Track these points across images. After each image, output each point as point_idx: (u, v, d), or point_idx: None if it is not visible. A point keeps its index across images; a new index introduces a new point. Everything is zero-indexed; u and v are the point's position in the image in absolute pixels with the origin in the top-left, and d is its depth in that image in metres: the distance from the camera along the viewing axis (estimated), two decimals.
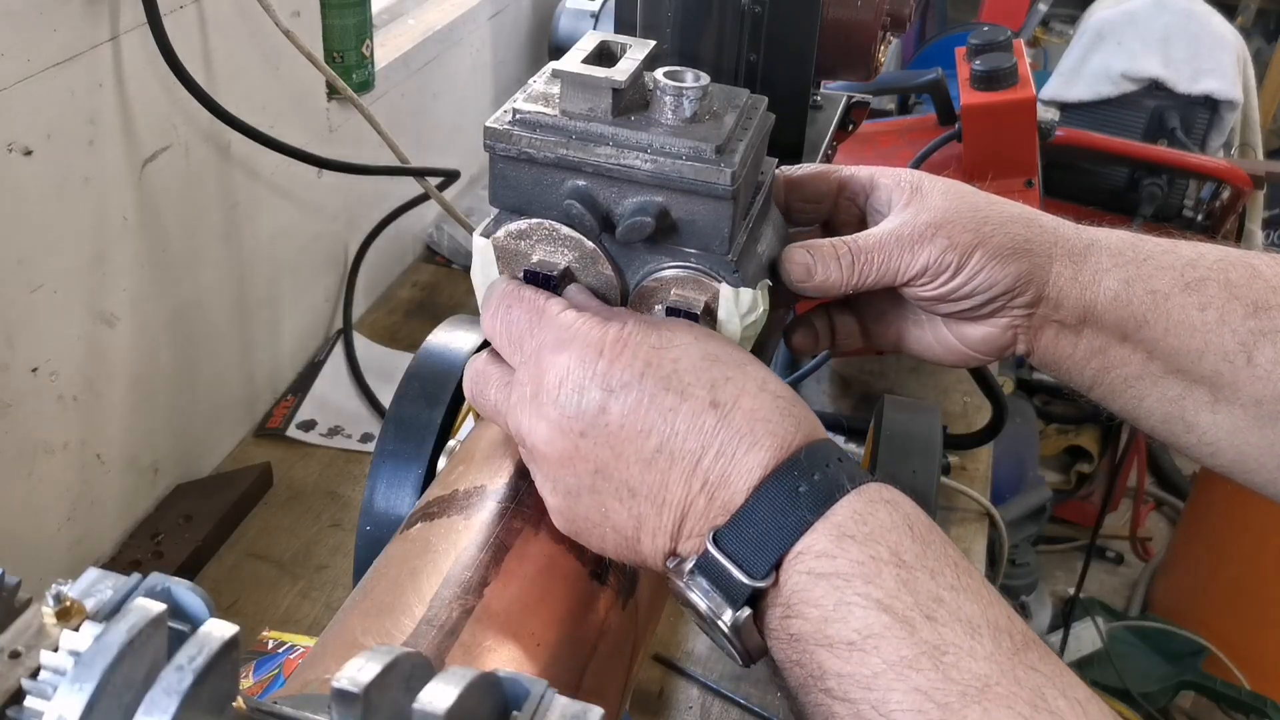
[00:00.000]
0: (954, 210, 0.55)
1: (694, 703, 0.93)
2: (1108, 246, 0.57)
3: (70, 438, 0.92)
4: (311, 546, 1.07)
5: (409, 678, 0.30)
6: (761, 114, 0.54)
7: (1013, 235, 0.55)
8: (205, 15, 0.98)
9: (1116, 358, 0.57)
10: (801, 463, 0.43)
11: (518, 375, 0.48)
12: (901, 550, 0.41)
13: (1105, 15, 2.05)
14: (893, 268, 0.55)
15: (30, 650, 0.30)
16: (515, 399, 0.48)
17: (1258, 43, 2.91)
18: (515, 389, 0.48)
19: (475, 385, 0.51)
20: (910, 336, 0.62)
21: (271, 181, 1.15)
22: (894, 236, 0.55)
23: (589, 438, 0.45)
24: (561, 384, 0.46)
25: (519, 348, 0.48)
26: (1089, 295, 0.56)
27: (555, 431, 0.46)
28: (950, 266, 0.54)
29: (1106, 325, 0.57)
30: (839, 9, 0.66)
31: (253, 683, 0.85)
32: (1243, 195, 1.88)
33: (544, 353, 0.47)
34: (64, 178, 0.86)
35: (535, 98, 0.51)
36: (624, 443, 0.45)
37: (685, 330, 0.48)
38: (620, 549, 0.47)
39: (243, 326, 1.16)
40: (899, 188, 0.58)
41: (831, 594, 0.41)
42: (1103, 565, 2.44)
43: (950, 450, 1.20)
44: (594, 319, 0.47)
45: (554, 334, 0.47)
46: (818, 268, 0.55)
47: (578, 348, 0.46)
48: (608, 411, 0.45)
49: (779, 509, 0.43)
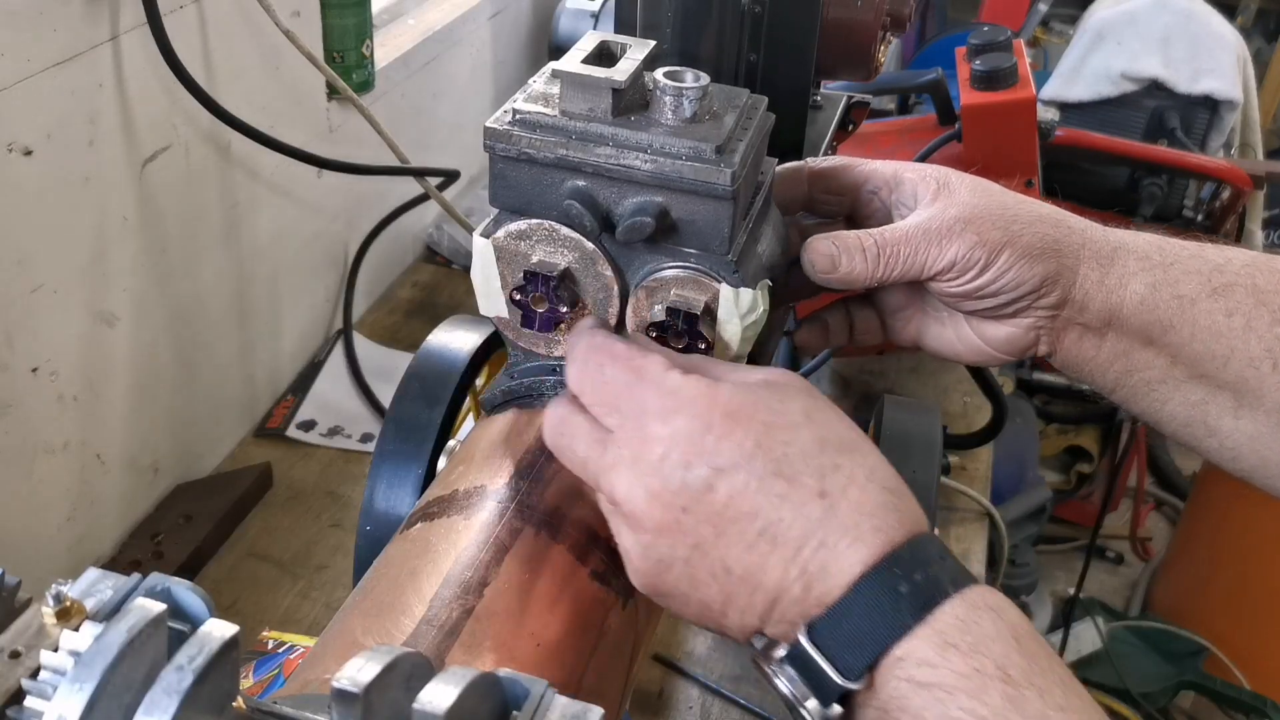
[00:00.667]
0: (983, 206, 0.55)
1: (694, 703, 0.93)
2: (1135, 250, 0.56)
3: (70, 438, 0.92)
4: (311, 546, 1.07)
5: (409, 678, 0.30)
6: (761, 114, 0.54)
7: (1041, 235, 0.55)
8: (205, 15, 0.98)
9: (1140, 361, 0.57)
10: (904, 560, 0.42)
11: (615, 436, 0.46)
12: (1008, 664, 0.40)
13: (1105, 15, 2.05)
14: (919, 261, 0.54)
15: (30, 650, 0.30)
16: (610, 460, 0.46)
17: (1258, 43, 2.91)
18: (611, 449, 0.46)
19: (561, 436, 0.49)
20: (930, 333, 0.61)
21: (271, 181, 1.15)
22: (921, 230, 0.54)
23: (692, 514, 0.44)
24: (666, 456, 0.44)
25: (614, 408, 0.46)
26: (1115, 299, 0.56)
27: (656, 503, 0.44)
28: (978, 263, 0.54)
29: (1131, 329, 0.56)
30: (839, 9, 0.66)
31: (253, 683, 0.85)
32: (1243, 195, 1.88)
33: (648, 420, 0.45)
34: (64, 178, 0.86)
35: (535, 98, 0.51)
36: (728, 523, 0.43)
37: (796, 402, 0.46)
38: (702, 618, 0.46)
39: (243, 326, 1.16)
40: (925, 182, 0.57)
41: (934, 706, 0.40)
42: (1103, 565, 2.44)
43: (950, 450, 1.20)
44: (701, 384, 0.45)
45: (658, 400, 0.45)
46: (842, 259, 0.54)
47: (685, 419, 0.44)
48: (714, 490, 0.44)
49: (878, 608, 0.41)
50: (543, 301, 0.53)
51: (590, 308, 0.54)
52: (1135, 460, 2.34)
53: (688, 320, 0.51)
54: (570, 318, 0.54)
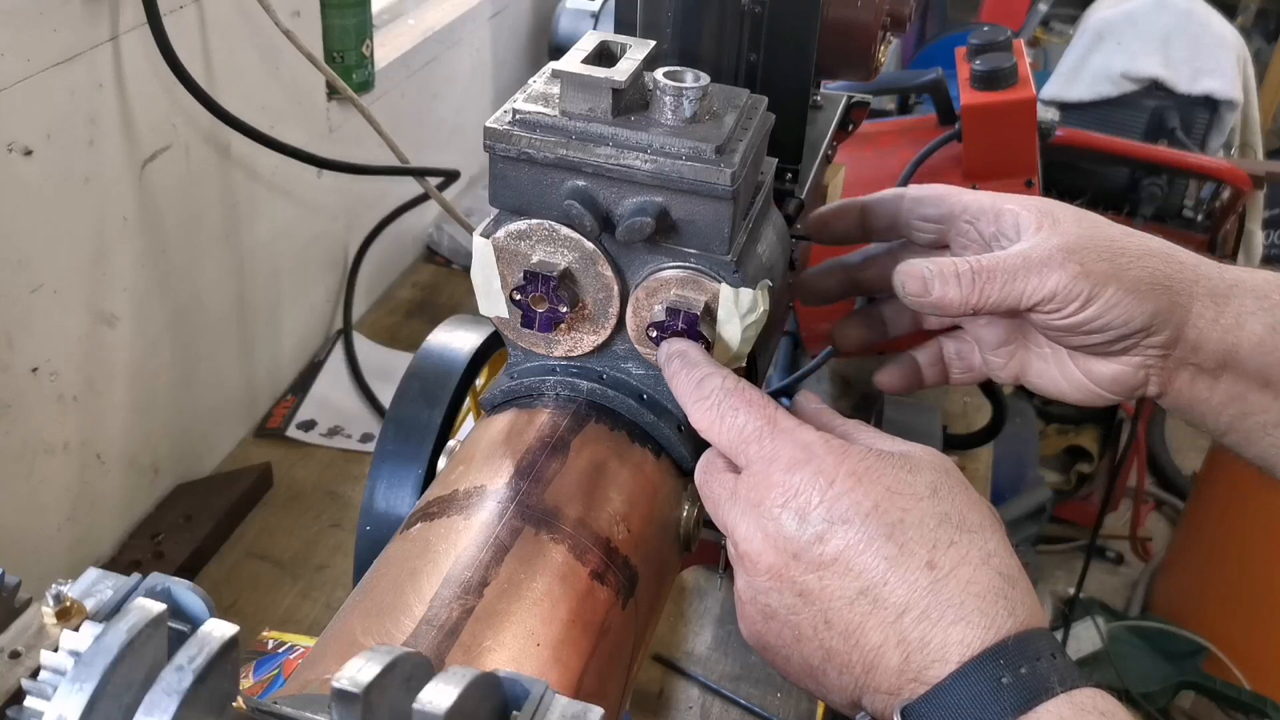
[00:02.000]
0: (1088, 238, 0.53)
1: (694, 703, 0.93)
2: (1252, 287, 0.54)
3: (70, 438, 0.92)
4: (311, 546, 1.07)
5: (409, 678, 0.30)
6: (761, 114, 0.54)
7: (1151, 270, 0.52)
8: (205, 15, 0.98)
9: (1256, 404, 0.55)
10: (1010, 651, 0.41)
11: (743, 478, 0.47)
12: None
13: (1105, 15, 2.05)
14: (1016, 290, 0.52)
15: (30, 650, 0.30)
16: (735, 501, 0.47)
17: (1258, 43, 2.91)
18: (739, 493, 0.47)
19: (706, 473, 0.50)
20: (1033, 370, 0.59)
21: (271, 181, 1.15)
22: (1021, 258, 0.52)
23: (801, 561, 0.44)
24: (786, 504, 0.45)
25: (742, 452, 0.47)
26: (1231, 339, 0.53)
27: (769, 546, 0.45)
28: (1081, 296, 0.52)
29: (1248, 371, 0.54)
30: (839, 9, 0.66)
31: (253, 683, 0.85)
32: (1243, 195, 1.88)
33: (774, 468, 0.46)
34: (64, 178, 0.86)
35: (535, 98, 0.51)
36: (833, 575, 0.44)
37: (925, 476, 0.46)
38: (803, 675, 0.46)
39: (243, 326, 1.16)
40: (1028, 213, 0.55)
41: None
42: (1103, 565, 2.44)
43: (950, 450, 1.20)
44: (834, 442, 0.46)
45: (789, 451, 0.46)
46: (935, 283, 0.53)
47: (810, 473, 0.45)
48: (825, 542, 0.44)
49: (978, 698, 0.40)
50: (543, 301, 0.53)
51: (590, 308, 0.54)
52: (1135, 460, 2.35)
53: (688, 320, 0.51)
54: (570, 318, 0.54)
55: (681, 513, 0.56)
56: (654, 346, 0.53)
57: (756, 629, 0.47)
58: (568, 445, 0.53)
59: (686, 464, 0.56)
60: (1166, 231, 1.99)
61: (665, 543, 0.55)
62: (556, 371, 0.57)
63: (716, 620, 1.01)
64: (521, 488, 0.52)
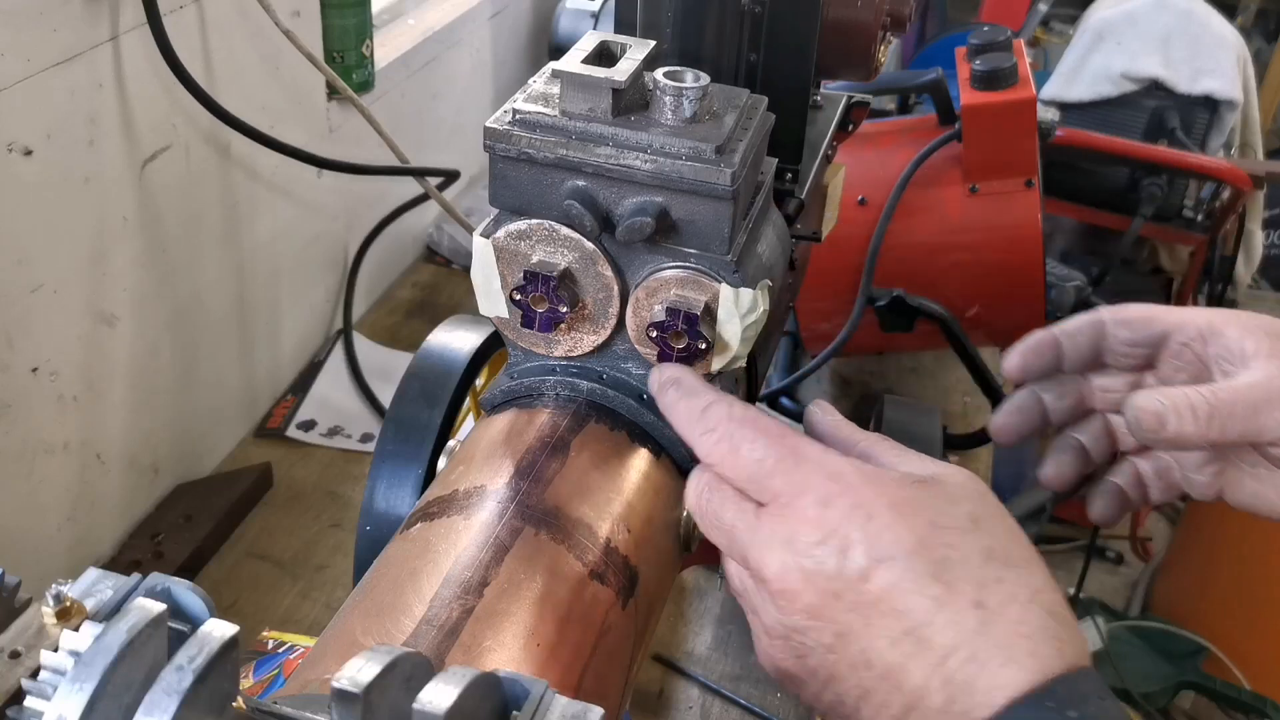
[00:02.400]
0: None
1: (694, 703, 0.93)
2: None
3: (70, 438, 0.92)
4: (311, 546, 1.07)
5: (409, 678, 0.30)
6: (761, 114, 0.54)
7: None
8: (205, 15, 0.98)
9: None
10: (1058, 694, 0.39)
11: (768, 511, 0.45)
12: None
13: (1105, 15, 2.05)
14: (1258, 425, 0.49)
15: (30, 650, 0.30)
16: (763, 537, 0.45)
17: (1258, 43, 2.91)
18: (765, 525, 0.45)
19: (707, 502, 0.47)
20: (1245, 490, 0.56)
21: (271, 181, 1.15)
22: (1262, 390, 0.49)
23: (843, 600, 0.43)
24: (825, 541, 0.43)
25: (766, 487, 0.45)
26: None
27: (807, 584, 0.43)
28: None
29: None
30: (839, 9, 0.66)
31: (253, 683, 0.85)
32: (1243, 195, 1.88)
33: (805, 501, 0.44)
34: (64, 178, 0.86)
35: (535, 98, 0.51)
36: (877, 616, 0.42)
37: (965, 506, 0.44)
38: (834, 709, 0.45)
39: (243, 326, 1.16)
40: (1252, 335, 0.52)
41: None
42: (1103, 565, 2.44)
43: (950, 450, 1.20)
44: (867, 470, 0.44)
45: (820, 483, 0.44)
46: (1170, 419, 0.49)
47: (847, 506, 0.43)
48: (869, 580, 0.42)
49: None
50: (543, 301, 0.53)
51: (590, 308, 0.54)
52: None
53: (688, 320, 0.51)
54: (570, 318, 0.54)
55: (681, 513, 0.55)
56: (654, 346, 0.53)
57: (785, 666, 0.45)
58: (568, 445, 0.53)
59: (686, 464, 0.56)
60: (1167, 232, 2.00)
61: (665, 543, 0.55)
62: (556, 371, 0.57)
63: (716, 620, 1.01)
64: (522, 488, 0.52)
